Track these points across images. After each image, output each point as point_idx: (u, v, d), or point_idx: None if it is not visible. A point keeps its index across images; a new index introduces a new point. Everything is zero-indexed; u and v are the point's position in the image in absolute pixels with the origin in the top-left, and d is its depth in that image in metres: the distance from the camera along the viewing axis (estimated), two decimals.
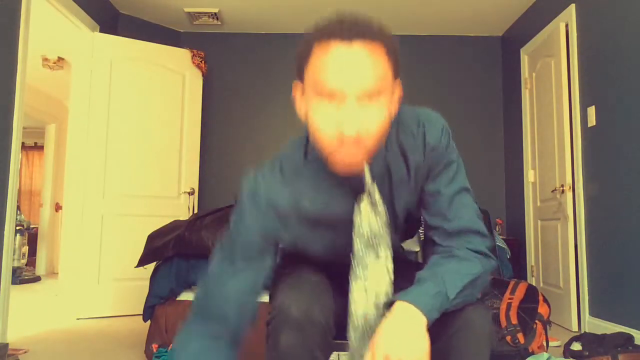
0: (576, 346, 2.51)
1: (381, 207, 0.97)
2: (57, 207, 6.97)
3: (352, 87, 0.84)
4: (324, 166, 0.95)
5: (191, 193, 4.17)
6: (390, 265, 0.98)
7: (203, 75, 4.33)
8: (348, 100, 0.84)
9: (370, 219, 0.96)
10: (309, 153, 1.04)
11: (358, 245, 0.97)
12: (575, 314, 3.41)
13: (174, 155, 4.12)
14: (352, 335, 0.97)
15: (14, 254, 5.82)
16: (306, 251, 1.09)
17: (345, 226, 0.99)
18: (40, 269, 6.95)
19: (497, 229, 4.36)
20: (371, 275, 0.96)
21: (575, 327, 3.39)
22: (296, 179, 1.03)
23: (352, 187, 0.98)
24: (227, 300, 1.03)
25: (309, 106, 0.90)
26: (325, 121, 0.87)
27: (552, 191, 3.70)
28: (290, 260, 1.17)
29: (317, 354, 0.95)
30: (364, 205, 0.97)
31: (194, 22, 4.58)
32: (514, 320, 2.43)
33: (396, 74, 0.93)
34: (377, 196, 0.97)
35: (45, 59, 5.50)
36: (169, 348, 2.37)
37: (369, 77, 0.85)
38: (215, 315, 1.03)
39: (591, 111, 3.27)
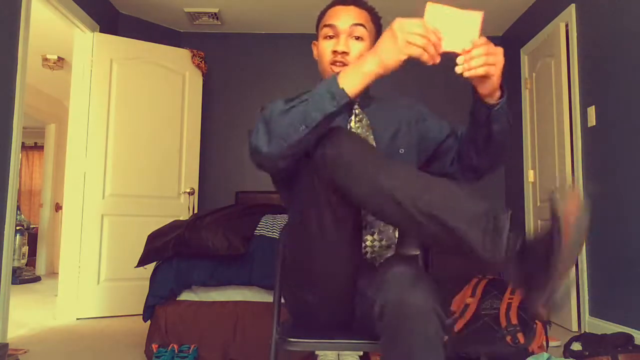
0: (576, 346, 2.51)
1: (364, 120, 1.40)
2: (57, 207, 6.97)
3: (343, 24, 1.35)
4: None
5: (191, 193, 4.17)
6: None
7: (203, 75, 4.33)
8: (341, 35, 1.35)
9: (357, 128, 1.38)
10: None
11: None
12: (575, 314, 3.41)
13: (174, 155, 4.12)
14: None
15: (14, 254, 5.83)
16: None
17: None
18: (40, 269, 6.95)
19: None
20: None
21: (575, 327, 3.39)
22: None
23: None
24: None
25: (318, 45, 1.40)
26: (326, 47, 1.37)
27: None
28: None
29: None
30: (352, 119, 1.39)
31: (194, 22, 4.58)
32: (514, 320, 2.43)
33: (377, 39, 1.28)
34: (359, 113, 1.40)
35: (45, 59, 5.50)
36: (169, 348, 2.37)
37: (353, 20, 1.35)
38: None
39: (591, 111, 3.27)
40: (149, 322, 2.61)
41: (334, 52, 1.34)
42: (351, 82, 1.07)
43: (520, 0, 4.12)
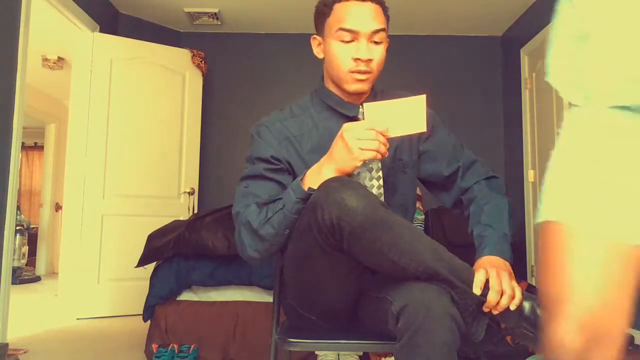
0: None
1: None
2: (57, 207, 6.97)
3: (365, 28, 1.23)
4: (325, 107, 1.33)
5: (191, 193, 4.17)
6: (381, 180, 1.31)
7: (203, 75, 4.33)
8: (362, 39, 1.23)
9: None
10: (316, 96, 1.36)
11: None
12: None
13: (174, 155, 4.12)
14: None
15: (14, 254, 5.83)
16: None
17: None
18: (40, 269, 6.95)
19: None
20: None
21: None
22: (303, 113, 1.34)
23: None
24: (263, 196, 1.24)
25: (330, 47, 1.27)
26: (344, 53, 1.25)
27: None
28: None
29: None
30: None
31: (194, 22, 4.58)
32: None
33: (387, 32, 1.32)
34: None
35: (45, 59, 5.49)
36: (169, 348, 2.37)
37: (376, 23, 1.24)
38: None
39: None
40: (149, 322, 2.61)
41: (357, 59, 1.23)
42: (314, 183, 1.14)
43: (520, 0, 4.12)
